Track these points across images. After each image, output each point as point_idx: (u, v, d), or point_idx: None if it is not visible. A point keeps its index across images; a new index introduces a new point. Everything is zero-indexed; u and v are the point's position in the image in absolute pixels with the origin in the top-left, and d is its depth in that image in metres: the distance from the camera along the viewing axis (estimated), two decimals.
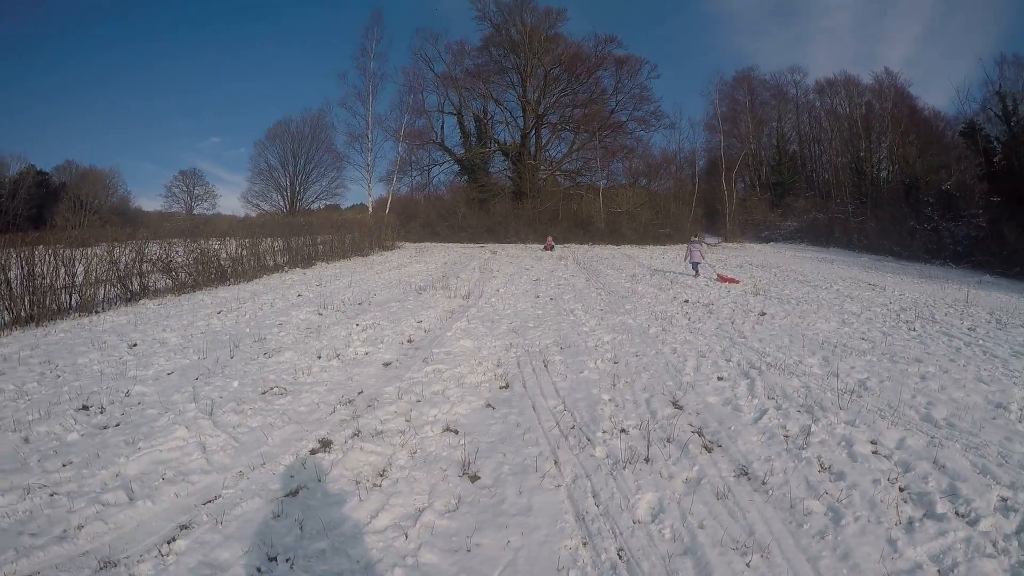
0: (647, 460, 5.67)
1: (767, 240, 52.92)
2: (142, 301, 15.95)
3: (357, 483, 5.22)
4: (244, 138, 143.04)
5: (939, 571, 4.03)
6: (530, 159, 56.37)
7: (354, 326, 12.04)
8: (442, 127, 61.49)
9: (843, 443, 5.98)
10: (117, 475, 5.22)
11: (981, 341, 11.00)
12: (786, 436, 6.21)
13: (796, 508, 4.79)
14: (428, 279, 21.03)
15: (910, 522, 4.59)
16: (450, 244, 45.14)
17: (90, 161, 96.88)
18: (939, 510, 4.72)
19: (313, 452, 5.82)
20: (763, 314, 13.63)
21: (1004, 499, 4.90)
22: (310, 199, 69.71)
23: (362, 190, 51.47)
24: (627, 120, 60.59)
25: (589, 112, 57.35)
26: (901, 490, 5.09)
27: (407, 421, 6.71)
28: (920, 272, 27.02)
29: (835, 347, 10.28)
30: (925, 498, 4.91)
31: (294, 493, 5.00)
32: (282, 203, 67.86)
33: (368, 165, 50.84)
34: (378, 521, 4.63)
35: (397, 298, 16.22)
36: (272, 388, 7.85)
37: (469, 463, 5.67)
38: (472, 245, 43.95)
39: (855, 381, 8.14)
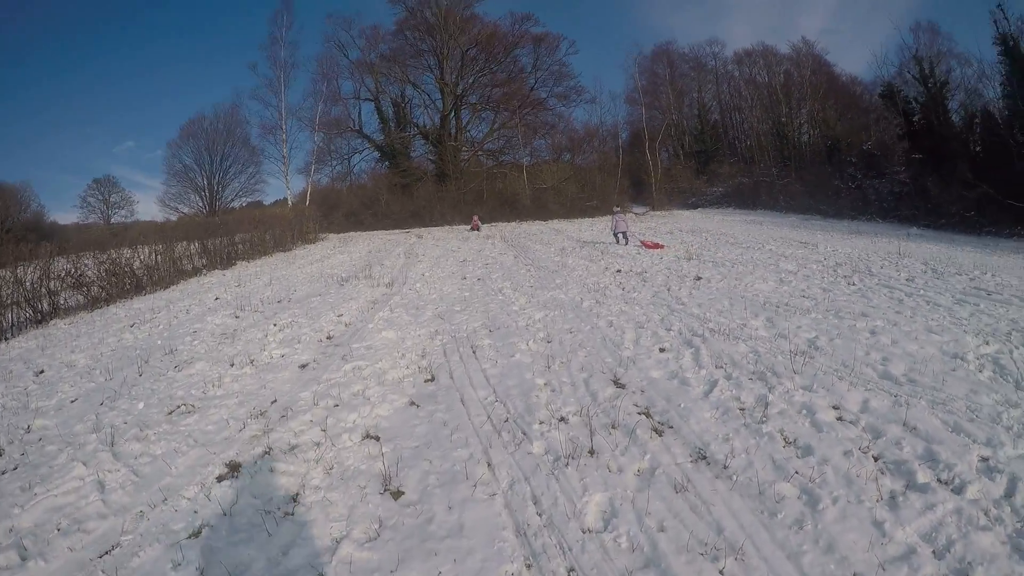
0: (592, 453, 5.04)
1: (695, 207, 53.49)
2: (53, 322, 15.04)
3: (267, 512, 4.47)
4: (159, 140, 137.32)
5: (934, 552, 3.56)
6: (451, 141, 55.58)
7: (271, 327, 11.06)
8: (359, 114, 60.23)
9: (804, 412, 5.42)
10: (11, 530, 4.51)
11: (922, 291, 10.65)
12: (742, 409, 5.59)
13: (766, 495, 4.22)
14: (351, 269, 20.13)
15: (892, 497, 4.10)
16: (375, 232, 43.85)
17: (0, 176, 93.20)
18: (920, 479, 4.27)
19: (220, 479, 5.05)
20: (699, 278, 13.11)
21: (985, 459, 4.50)
22: (229, 197, 67.10)
23: (283, 184, 49.59)
24: (547, 97, 60.31)
25: (509, 91, 56.73)
26: (876, 459, 4.58)
27: (323, 431, 5.92)
28: (848, 228, 27.20)
29: (777, 307, 9.79)
30: (903, 467, 4.44)
31: (197, 533, 4.30)
32: (201, 204, 65.07)
33: (284, 157, 49.19)
34: (289, 560, 3.98)
35: (318, 292, 15.32)
36: (179, 407, 6.94)
37: (391, 477, 4.96)
38: (397, 231, 42.82)
39: (804, 341, 7.61)
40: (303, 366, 8.43)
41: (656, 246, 21.09)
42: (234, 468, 5.20)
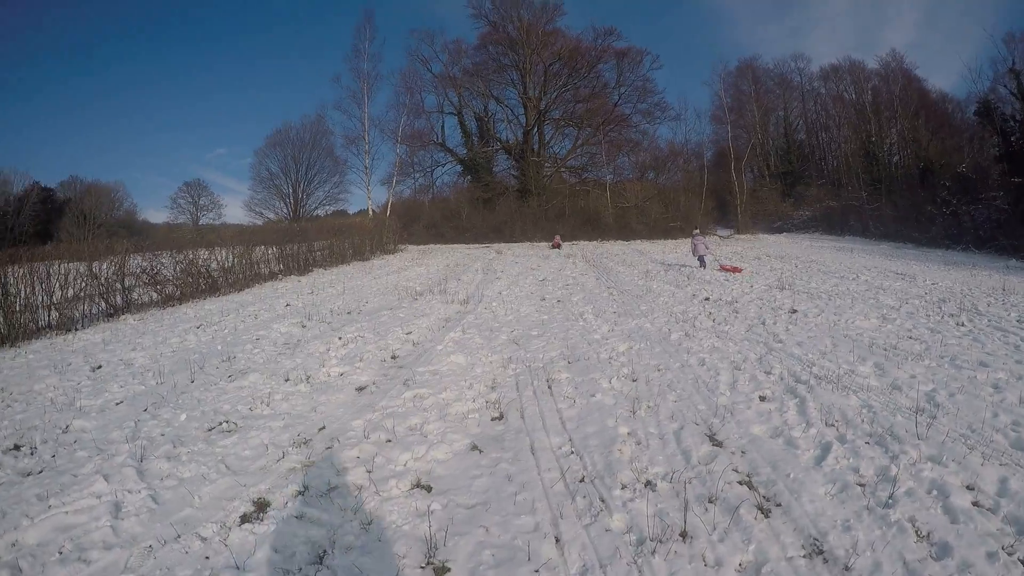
0: (684, 536, 4.10)
1: (779, 231, 52.49)
2: (124, 316, 14.93)
3: (286, 573, 3.84)
4: (250, 148, 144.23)
5: None
6: (533, 156, 55.46)
7: (336, 340, 10.76)
8: (442, 127, 60.71)
9: (935, 493, 4.49)
10: (14, 544, 4.15)
11: None
12: (862, 485, 4.68)
13: None
14: (427, 283, 19.91)
15: None
16: (455, 245, 44.01)
17: (97, 175, 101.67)
18: None
19: (243, 519, 4.45)
20: (794, 311, 12.35)
21: None
22: (313, 206, 69.12)
23: (365, 194, 50.12)
24: (631, 113, 60.23)
25: (592, 106, 56.63)
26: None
27: (368, 472, 5.25)
28: (943, 259, 26.06)
29: (885, 350, 8.92)
30: None
31: None
32: (285, 210, 66.95)
33: (366, 167, 49.60)
34: None
35: (390, 305, 15.07)
36: (221, 423, 6.58)
37: (437, 545, 4.09)
38: (477, 246, 42.87)
39: (922, 395, 6.74)
40: (360, 388, 7.98)
41: (735, 269, 20.97)
42: (262, 507, 4.65)
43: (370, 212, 49.20)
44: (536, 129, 57.71)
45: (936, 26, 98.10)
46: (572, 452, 5.66)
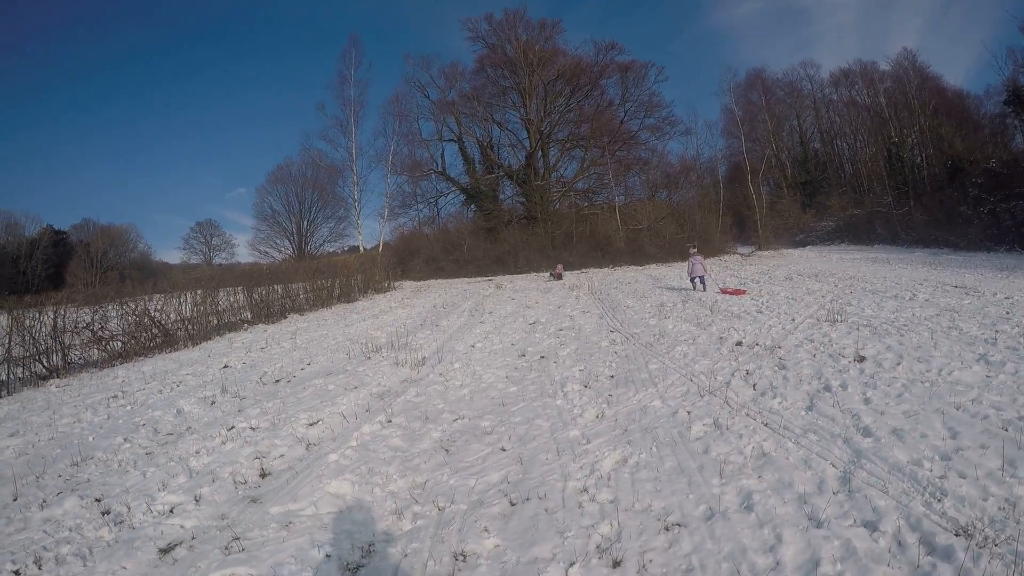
0: None
1: (803, 244, 50.36)
2: (52, 381, 13.72)
3: None
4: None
5: None
6: (538, 180, 52.80)
7: (220, 432, 8.08)
8: (442, 155, 58.82)
9: None
10: None
11: None
12: None
13: None
14: (399, 331, 16.68)
15: None
16: (454, 280, 41.13)
17: (112, 218, 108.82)
18: None
19: None
20: (862, 359, 8.82)
21: None
22: (319, 242, 66.87)
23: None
24: (639, 130, 58.18)
25: (597, 125, 54.11)
26: None
27: None
28: (992, 263, 23.51)
29: None
30: None
31: None
32: (291, 248, 64.55)
33: (355, 200, 46.59)
34: None
35: (332, 368, 12.07)
36: None
37: None
38: (479, 279, 40.04)
39: None
40: (164, 551, 4.94)
41: (737, 292, 18.95)
42: None
43: (360, 248, 46.29)
44: (540, 152, 55.63)
45: (941, 25, 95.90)
46: None
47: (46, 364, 14.62)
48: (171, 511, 5.75)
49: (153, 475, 6.72)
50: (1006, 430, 5.63)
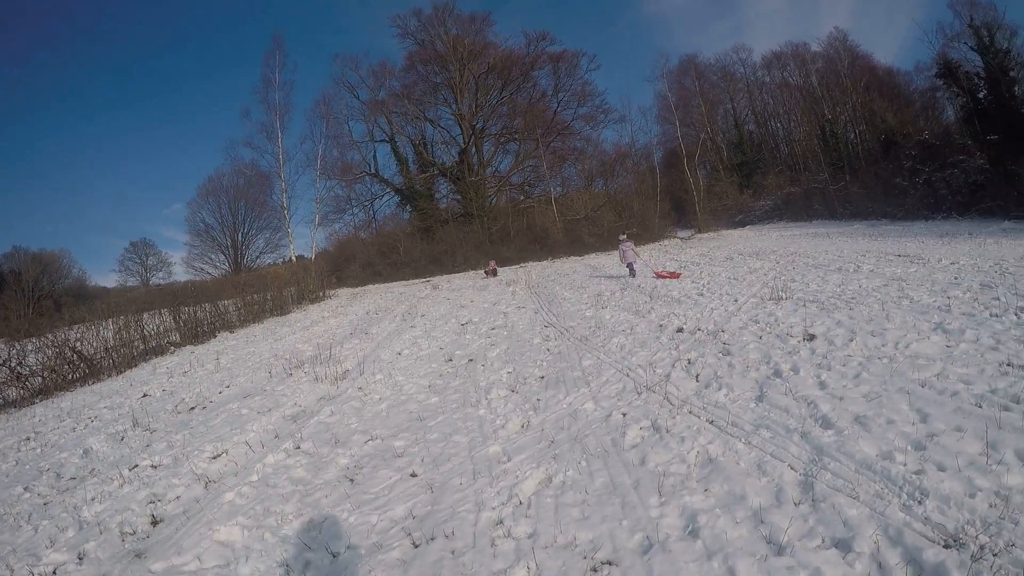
0: None
1: (742, 224, 50.66)
2: None
3: None
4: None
5: None
6: (473, 176, 51.86)
7: (119, 474, 7.31)
8: (374, 157, 57.19)
9: None
10: None
11: None
12: None
13: None
14: (326, 342, 15.68)
15: None
16: (391, 284, 40.03)
17: (44, 244, 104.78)
18: None
19: None
20: (811, 337, 8.16)
21: None
22: (254, 255, 63.99)
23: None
24: (572, 120, 57.22)
25: (531, 117, 53.21)
26: None
27: None
28: (931, 230, 23.97)
29: (1007, 408, 4.88)
30: None
31: None
32: (227, 263, 62.11)
33: (284, 207, 44.83)
34: None
35: (251, 390, 11.12)
36: None
37: None
38: (416, 281, 38.99)
39: None
40: None
41: (673, 276, 18.52)
42: None
43: (292, 257, 44.57)
44: (474, 148, 54.63)
45: (870, 5, 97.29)
46: None
47: None
48: (53, 573, 5.13)
49: (44, 529, 6.06)
50: (980, 407, 4.97)
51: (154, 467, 7.41)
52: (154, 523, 5.74)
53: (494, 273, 33.53)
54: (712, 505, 4.17)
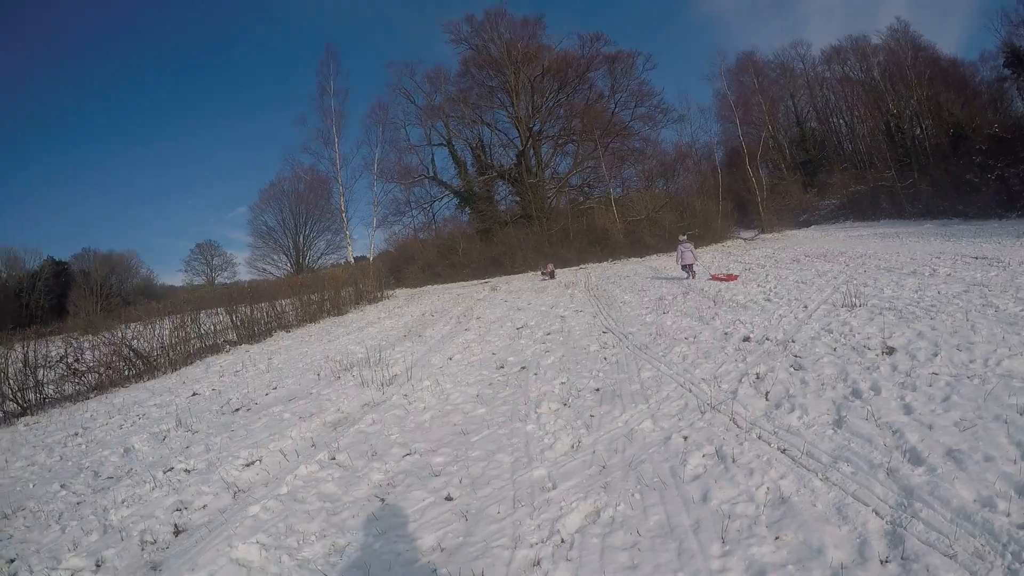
0: None
1: (806, 224, 49.67)
2: (23, 419, 13.31)
3: None
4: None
5: None
6: (531, 178, 51.70)
7: (154, 476, 7.24)
8: (432, 160, 57.93)
9: None
10: None
11: None
12: None
13: None
14: (379, 345, 15.51)
15: None
16: (450, 285, 40.34)
17: (113, 246, 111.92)
18: None
19: None
20: (891, 351, 7.44)
21: None
22: (316, 256, 65.58)
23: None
24: (631, 120, 57.04)
25: (588, 118, 52.86)
26: None
27: None
28: (1007, 230, 22.79)
29: None
30: None
31: None
32: (288, 264, 63.70)
33: (342, 210, 45.48)
34: None
35: (295, 394, 11.05)
36: None
37: None
38: (475, 282, 39.15)
39: None
40: None
41: (729, 278, 18.28)
42: None
43: (350, 258, 45.16)
44: (532, 150, 54.61)
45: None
46: None
47: (20, 401, 14.08)
48: None
49: (71, 531, 6.00)
50: None
51: (187, 471, 7.36)
52: (176, 533, 5.63)
53: (552, 275, 33.16)
54: (784, 559, 3.59)
